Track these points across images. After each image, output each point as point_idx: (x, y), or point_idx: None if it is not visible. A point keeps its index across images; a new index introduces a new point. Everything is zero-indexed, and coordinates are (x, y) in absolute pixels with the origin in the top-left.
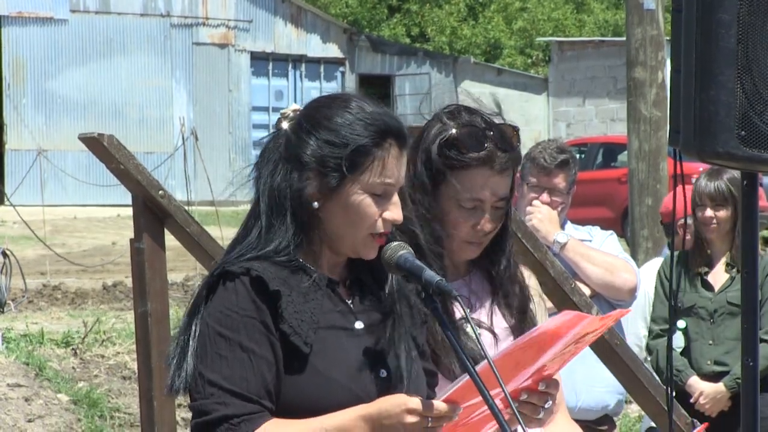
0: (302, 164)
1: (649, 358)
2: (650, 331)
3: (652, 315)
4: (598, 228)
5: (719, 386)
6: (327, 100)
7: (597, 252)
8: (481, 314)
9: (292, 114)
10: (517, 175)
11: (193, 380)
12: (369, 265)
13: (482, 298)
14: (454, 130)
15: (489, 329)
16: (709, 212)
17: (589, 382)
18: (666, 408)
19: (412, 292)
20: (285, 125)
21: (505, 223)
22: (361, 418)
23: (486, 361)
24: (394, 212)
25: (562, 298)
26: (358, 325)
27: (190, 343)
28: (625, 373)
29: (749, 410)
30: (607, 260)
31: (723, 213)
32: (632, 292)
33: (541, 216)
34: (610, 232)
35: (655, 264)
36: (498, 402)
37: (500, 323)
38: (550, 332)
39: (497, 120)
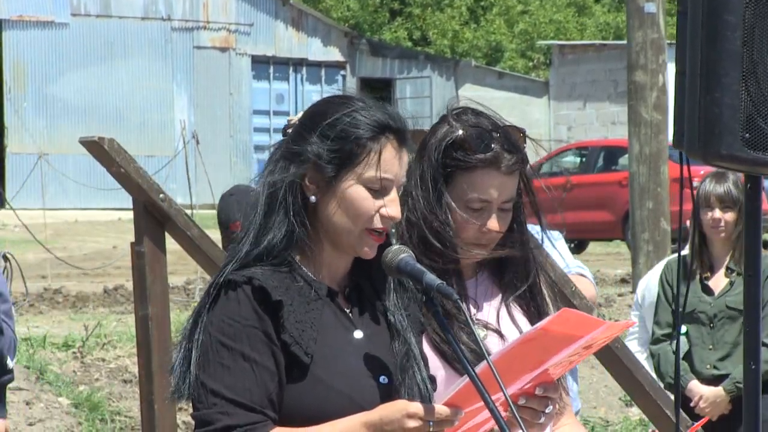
0: (300, 159)
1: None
2: (652, 334)
3: (654, 319)
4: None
5: (719, 390)
6: (329, 99)
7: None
8: (489, 316)
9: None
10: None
11: (196, 389)
12: (368, 273)
13: (490, 300)
14: (460, 132)
15: (496, 331)
16: (717, 214)
17: None
18: (666, 411)
19: (411, 299)
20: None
21: (515, 222)
22: (363, 425)
23: (485, 361)
24: (392, 209)
25: (562, 301)
26: (357, 334)
27: (193, 351)
28: (626, 376)
29: (751, 414)
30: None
31: (730, 215)
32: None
33: None
34: (557, 233)
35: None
36: (498, 406)
37: (509, 325)
38: (559, 334)
39: (503, 122)
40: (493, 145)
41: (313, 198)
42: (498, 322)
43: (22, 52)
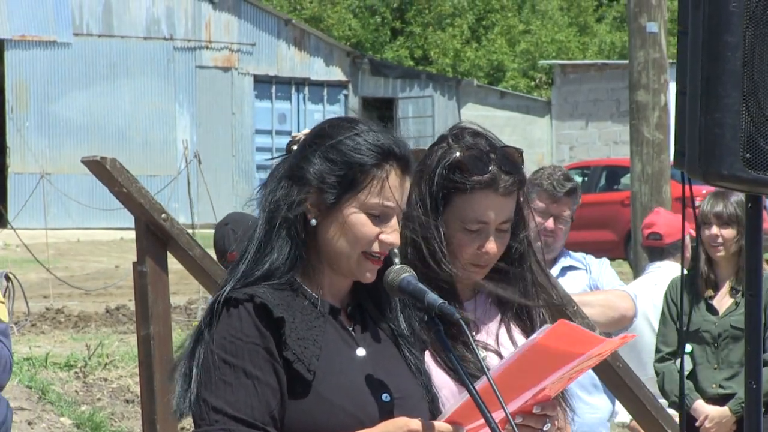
0: (303, 181)
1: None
2: (657, 352)
3: (658, 338)
4: (591, 257)
5: (724, 410)
6: (335, 122)
7: (589, 295)
8: (488, 337)
9: (302, 138)
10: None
11: (197, 407)
12: (370, 292)
13: (489, 321)
14: (458, 153)
15: (495, 352)
16: (714, 230)
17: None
18: (668, 431)
19: (412, 318)
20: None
21: (513, 242)
22: None
23: (485, 378)
24: (392, 235)
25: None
26: (360, 352)
27: (194, 368)
28: (628, 396)
29: None
30: (600, 299)
31: (728, 232)
32: (632, 319)
33: None
34: (603, 258)
35: (643, 283)
36: (498, 423)
37: (508, 346)
38: (558, 351)
39: (501, 143)
40: (490, 167)
41: (313, 221)
42: (497, 343)
43: (24, 71)
